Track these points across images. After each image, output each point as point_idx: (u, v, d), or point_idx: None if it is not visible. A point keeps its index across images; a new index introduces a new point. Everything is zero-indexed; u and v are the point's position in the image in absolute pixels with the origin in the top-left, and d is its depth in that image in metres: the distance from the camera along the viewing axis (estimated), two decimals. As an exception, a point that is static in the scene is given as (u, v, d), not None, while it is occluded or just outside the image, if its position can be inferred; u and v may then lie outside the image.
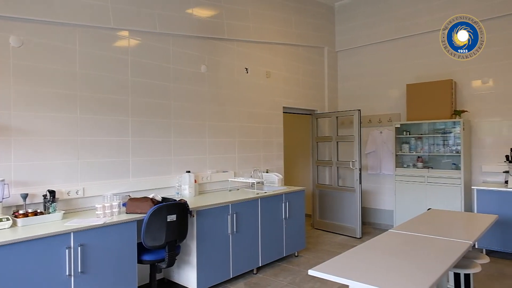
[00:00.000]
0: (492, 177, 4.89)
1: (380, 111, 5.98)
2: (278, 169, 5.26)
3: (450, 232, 2.75)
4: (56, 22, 3.07)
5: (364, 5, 6.14)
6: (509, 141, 4.77)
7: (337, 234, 5.55)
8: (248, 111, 4.86)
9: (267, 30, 5.18)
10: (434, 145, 5.33)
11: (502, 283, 3.62)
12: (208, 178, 4.25)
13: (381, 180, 5.97)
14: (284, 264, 4.26)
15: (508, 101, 4.82)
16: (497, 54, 4.91)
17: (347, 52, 6.43)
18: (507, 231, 4.27)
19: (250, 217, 3.88)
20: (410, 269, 1.97)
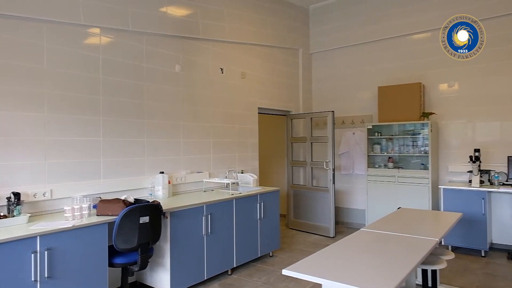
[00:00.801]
0: (457, 176, 5.11)
1: (353, 112, 6.12)
2: (253, 169, 5.27)
3: (418, 230, 2.84)
4: (22, 17, 2.94)
5: (338, 9, 6.26)
6: (473, 142, 5.00)
7: (311, 234, 5.63)
8: (223, 112, 4.85)
9: (243, 30, 5.18)
10: (404, 146, 5.50)
11: (466, 278, 3.79)
12: (183, 179, 4.20)
13: (353, 180, 6.10)
14: (259, 264, 4.27)
15: (472, 104, 5.06)
16: (462, 59, 5.13)
17: (321, 54, 6.53)
18: (470, 228, 4.47)
19: (225, 218, 3.86)
20: (380, 266, 2.02)
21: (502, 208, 4.62)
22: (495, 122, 4.90)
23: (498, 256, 4.45)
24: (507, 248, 4.54)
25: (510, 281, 3.68)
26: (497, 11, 4.82)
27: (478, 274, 3.89)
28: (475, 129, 5.06)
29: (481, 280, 3.72)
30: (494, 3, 4.83)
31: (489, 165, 4.81)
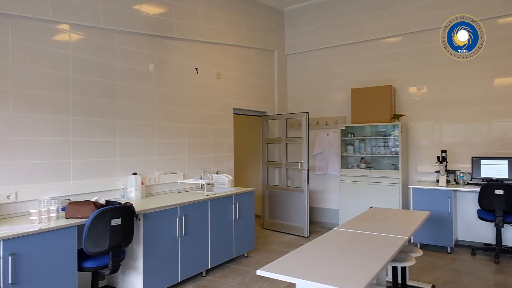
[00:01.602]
0: (426, 176, 5.30)
1: (327, 113, 6.22)
2: (229, 170, 5.26)
3: (389, 229, 2.93)
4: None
5: (312, 11, 6.35)
6: (440, 144, 5.20)
7: (286, 234, 5.68)
8: (198, 112, 4.81)
9: (218, 31, 5.16)
10: (376, 146, 5.65)
11: (433, 274, 3.93)
12: (156, 180, 4.13)
13: (327, 180, 6.20)
14: (234, 265, 4.26)
15: (439, 106, 5.26)
16: (430, 63, 5.33)
17: (296, 56, 6.61)
18: (438, 226, 4.65)
19: (199, 219, 3.83)
20: (352, 264, 2.06)
21: (466, 206, 4.83)
22: (460, 124, 5.12)
23: (463, 252, 4.65)
24: (471, 245, 4.75)
25: (473, 276, 3.85)
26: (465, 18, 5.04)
27: (444, 270, 4.05)
28: (442, 130, 5.27)
29: (447, 275, 3.88)
30: (459, 11, 5.04)
31: (455, 165, 5.01)
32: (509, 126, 4.79)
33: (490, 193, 4.28)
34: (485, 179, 4.70)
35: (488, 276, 3.84)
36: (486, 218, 4.41)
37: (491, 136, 4.90)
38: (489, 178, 4.69)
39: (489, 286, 3.58)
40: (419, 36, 5.41)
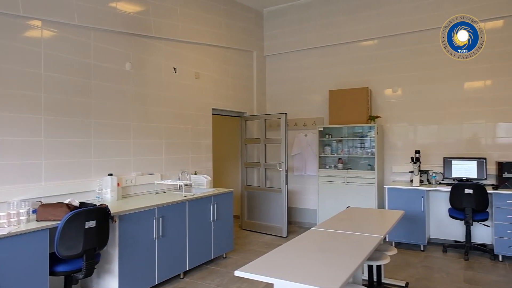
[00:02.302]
0: (400, 176, 5.44)
1: (305, 115, 6.29)
2: (207, 171, 5.23)
3: (365, 228, 2.99)
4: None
5: (291, 13, 6.41)
6: (414, 144, 5.35)
7: (265, 234, 5.69)
8: (176, 112, 4.75)
9: (197, 30, 5.12)
10: (353, 147, 5.76)
11: (407, 271, 4.05)
12: (133, 181, 4.06)
13: (305, 181, 6.27)
14: (212, 266, 4.24)
15: (413, 109, 5.42)
16: (404, 66, 5.48)
17: (275, 57, 6.65)
18: (411, 225, 4.78)
19: (177, 221, 3.79)
20: (330, 264, 2.09)
21: (438, 205, 4.99)
22: (433, 126, 5.29)
23: (435, 249, 4.80)
24: (442, 242, 4.92)
25: (444, 272, 3.99)
26: (438, 23, 5.21)
27: (417, 267, 4.17)
28: (416, 132, 5.43)
29: (420, 272, 4.00)
30: (434, 16, 5.21)
31: (428, 165, 5.18)
32: (478, 128, 4.99)
33: (460, 193, 4.44)
34: (456, 179, 4.88)
35: (458, 272, 3.99)
36: (457, 217, 4.57)
37: (461, 138, 5.09)
38: (459, 178, 4.87)
39: (459, 282, 3.72)
40: (394, 40, 5.56)
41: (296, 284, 1.76)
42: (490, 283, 3.68)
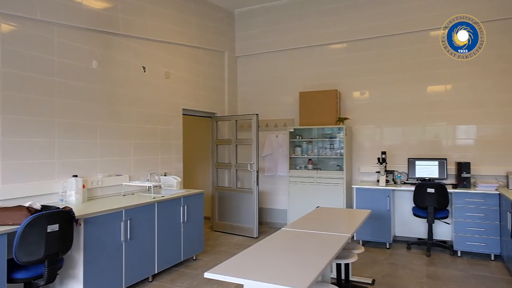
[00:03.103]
0: (368, 176, 5.61)
1: (276, 116, 6.34)
2: (177, 172, 5.15)
3: (333, 227, 3.05)
4: None
5: (262, 15, 6.45)
6: (381, 146, 5.53)
7: (235, 235, 5.68)
8: (146, 112, 4.65)
9: (167, 29, 5.04)
10: (322, 148, 5.87)
11: (374, 268, 4.17)
12: (99, 183, 3.93)
13: (276, 181, 6.32)
14: (182, 268, 4.18)
15: (379, 111, 5.60)
16: (371, 70, 5.66)
17: (247, 58, 6.66)
18: (378, 223, 4.94)
19: (146, 223, 3.70)
20: (299, 263, 2.12)
21: (403, 204, 5.19)
22: (398, 127, 5.49)
23: (400, 247, 4.99)
24: (407, 240, 5.11)
25: (408, 269, 4.15)
26: (403, 29, 5.41)
27: (383, 264, 4.31)
28: (382, 133, 5.62)
29: (385, 269, 4.13)
30: (401, 21, 5.42)
31: (393, 166, 5.37)
32: (440, 130, 5.23)
33: (423, 192, 4.64)
34: (419, 178, 5.09)
35: (421, 268, 4.16)
36: (420, 215, 4.77)
37: (424, 139, 5.32)
38: (422, 177, 5.08)
39: (421, 277, 3.88)
40: (363, 44, 5.72)
41: (266, 284, 1.77)
42: (450, 277, 3.87)
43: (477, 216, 4.46)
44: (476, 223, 4.46)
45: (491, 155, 4.91)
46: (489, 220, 4.40)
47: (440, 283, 3.71)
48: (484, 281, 3.76)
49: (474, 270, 4.09)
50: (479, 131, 5.01)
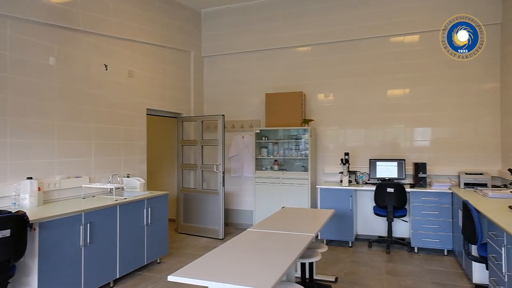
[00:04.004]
0: (332, 177, 5.75)
1: (243, 117, 6.35)
2: (141, 173, 5.02)
3: (298, 227, 3.10)
4: None
5: (229, 16, 6.44)
6: (344, 147, 5.70)
7: (201, 237, 5.63)
8: (108, 111, 4.49)
9: (130, 27, 4.90)
10: (288, 149, 5.95)
11: (337, 266, 4.28)
12: (57, 185, 3.74)
13: (242, 182, 6.33)
14: (145, 272, 4.08)
15: (343, 113, 5.77)
16: (335, 73, 5.81)
17: (213, 58, 6.62)
18: (341, 223, 5.08)
19: (107, 226, 3.58)
20: (264, 263, 2.13)
21: (364, 203, 5.37)
22: (360, 129, 5.68)
23: (361, 245, 5.16)
24: (368, 238, 5.30)
25: (369, 266, 4.30)
26: (366, 34, 5.61)
27: (346, 262, 4.44)
28: (346, 135, 5.78)
29: (348, 267, 4.26)
30: (363, 27, 5.61)
31: (356, 166, 5.54)
32: (398, 132, 5.47)
33: (383, 191, 4.83)
34: (380, 178, 5.29)
35: (381, 265, 4.32)
36: (380, 214, 4.96)
37: (385, 141, 5.54)
38: (383, 178, 5.28)
39: (381, 274, 4.03)
40: (327, 48, 5.87)
41: (230, 286, 1.77)
42: (407, 273, 4.05)
43: (432, 214, 4.70)
44: (431, 221, 4.70)
45: (445, 156, 5.20)
46: (443, 217, 4.65)
47: (398, 279, 3.87)
48: (437, 275, 3.97)
49: (429, 265, 4.31)
50: (434, 133, 5.29)
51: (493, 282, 2.81)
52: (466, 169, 4.92)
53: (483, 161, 5.00)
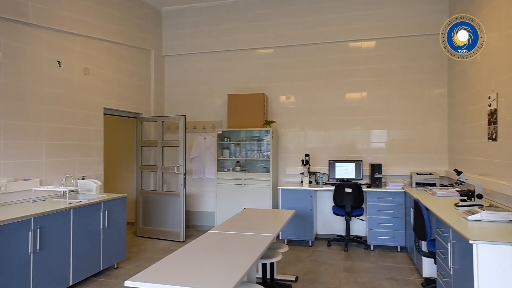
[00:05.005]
0: (293, 178, 5.85)
1: (205, 117, 6.29)
2: (97, 175, 4.81)
3: (259, 228, 3.12)
4: None
5: (191, 15, 6.36)
6: (305, 148, 5.82)
7: (161, 240, 5.50)
8: (61, 110, 4.27)
9: (86, 22, 4.70)
10: (250, 150, 5.98)
11: (297, 266, 4.36)
12: (3, 188, 3.49)
13: (204, 184, 6.26)
14: (101, 278, 3.91)
15: (304, 115, 5.89)
16: (297, 76, 5.93)
17: (175, 58, 6.50)
18: (301, 223, 5.18)
19: (59, 231, 3.39)
20: (224, 265, 2.13)
21: (324, 203, 5.52)
22: (321, 131, 5.83)
23: (321, 244, 5.29)
24: (327, 237, 5.44)
25: (328, 264, 4.42)
26: (328, 38, 5.76)
27: (306, 261, 4.53)
28: (306, 136, 5.91)
29: (308, 266, 4.35)
30: (324, 32, 5.76)
31: (316, 167, 5.68)
32: (356, 134, 5.68)
33: (342, 191, 4.99)
34: (339, 179, 5.46)
35: (339, 263, 4.46)
36: (339, 213, 5.12)
37: (343, 142, 5.73)
38: (341, 178, 5.45)
39: (339, 271, 4.16)
40: (289, 50, 5.97)
41: (190, 289, 1.74)
42: (363, 270, 4.22)
43: (386, 212, 4.93)
44: (385, 219, 4.93)
45: (399, 157, 5.47)
46: (396, 216, 4.89)
47: (355, 276, 4.02)
48: (391, 271, 4.17)
49: (383, 261, 4.51)
50: (389, 135, 5.55)
51: (440, 275, 3.00)
52: (417, 170, 5.20)
53: (433, 162, 5.32)
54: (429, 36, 5.31)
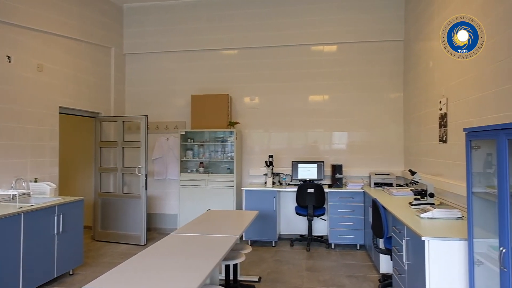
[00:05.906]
0: (256, 179, 5.88)
1: (168, 118, 6.17)
2: (52, 177, 4.57)
3: (223, 229, 3.11)
4: None
5: (153, 13, 6.21)
6: (269, 149, 5.87)
7: (121, 244, 5.31)
8: (11, 109, 4.01)
9: (41, 16, 4.45)
10: (214, 151, 5.94)
11: (260, 266, 4.39)
12: None
13: (167, 185, 6.14)
14: (55, 286, 3.72)
15: (268, 116, 5.95)
16: (262, 77, 5.98)
17: (136, 56, 6.32)
18: (265, 223, 5.22)
19: (7, 237, 3.18)
20: (186, 268, 2.10)
21: (287, 204, 5.60)
22: (284, 132, 5.92)
23: (284, 244, 5.36)
24: (290, 237, 5.53)
25: (291, 264, 4.48)
26: (291, 41, 5.86)
27: (269, 262, 4.57)
28: (270, 138, 5.97)
29: (271, 267, 4.39)
30: (288, 35, 5.85)
31: (279, 168, 5.74)
32: (318, 136, 5.82)
33: (304, 192, 5.09)
34: (301, 180, 5.56)
35: (301, 262, 4.54)
36: (301, 213, 5.22)
37: (306, 144, 5.85)
38: (304, 179, 5.56)
39: (301, 270, 4.24)
40: (253, 52, 6.00)
41: (150, 293, 1.70)
42: (325, 268, 4.32)
43: (346, 212, 5.08)
44: (346, 218, 5.08)
45: (358, 158, 5.67)
46: (356, 215, 5.06)
47: (317, 274, 4.11)
48: (351, 268, 4.30)
49: (344, 259, 4.65)
50: (350, 137, 5.74)
51: (396, 271, 3.14)
52: (376, 170, 5.41)
53: (390, 163, 5.56)
54: (388, 42, 5.57)
